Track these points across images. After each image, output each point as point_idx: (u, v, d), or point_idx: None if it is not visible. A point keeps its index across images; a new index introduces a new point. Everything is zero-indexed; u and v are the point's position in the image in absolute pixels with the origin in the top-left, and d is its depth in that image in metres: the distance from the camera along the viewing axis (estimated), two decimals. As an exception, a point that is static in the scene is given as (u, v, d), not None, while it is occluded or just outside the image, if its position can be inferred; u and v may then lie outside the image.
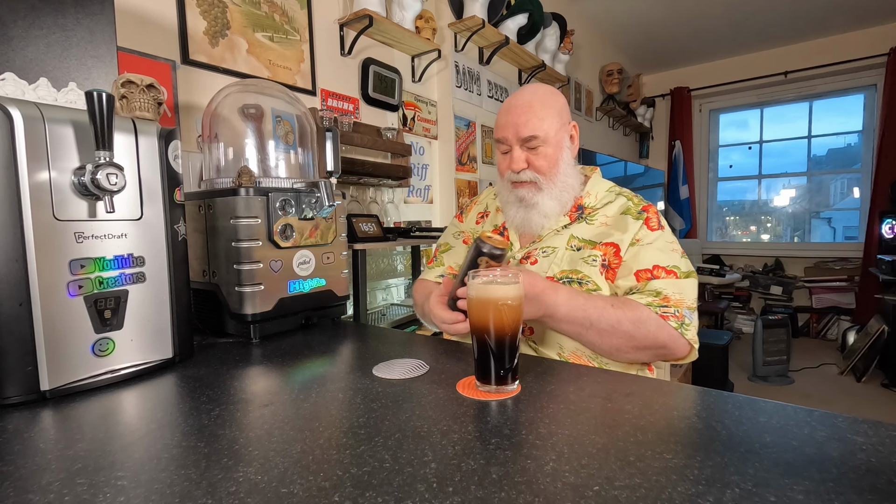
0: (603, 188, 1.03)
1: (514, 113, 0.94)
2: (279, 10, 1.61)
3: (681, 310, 0.83)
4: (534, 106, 0.93)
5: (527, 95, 0.96)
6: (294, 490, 0.40)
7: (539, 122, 0.93)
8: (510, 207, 1.01)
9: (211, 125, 1.02)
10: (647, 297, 0.85)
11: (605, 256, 0.91)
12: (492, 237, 0.79)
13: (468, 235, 1.16)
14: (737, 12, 3.64)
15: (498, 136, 0.98)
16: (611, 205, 0.99)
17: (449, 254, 1.17)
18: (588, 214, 0.99)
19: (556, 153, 0.96)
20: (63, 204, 0.63)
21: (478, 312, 0.64)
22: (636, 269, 0.88)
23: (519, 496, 0.39)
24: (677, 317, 0.83)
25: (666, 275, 0.87)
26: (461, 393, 0.62)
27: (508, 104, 0.96)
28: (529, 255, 0.98)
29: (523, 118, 0.93)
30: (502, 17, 2.46)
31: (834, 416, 0.52)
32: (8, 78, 0.73)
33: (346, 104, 1.88)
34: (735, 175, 4.92)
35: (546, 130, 0.93)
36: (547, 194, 0.96)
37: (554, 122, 0.95)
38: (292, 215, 0.93)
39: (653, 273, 0.87)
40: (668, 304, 0.84)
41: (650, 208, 0.96)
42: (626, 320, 0.81)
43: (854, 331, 3.56)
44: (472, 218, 1.18)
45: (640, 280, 0.87)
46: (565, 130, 0.98)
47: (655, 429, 0.51)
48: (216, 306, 0.94)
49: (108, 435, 0.52)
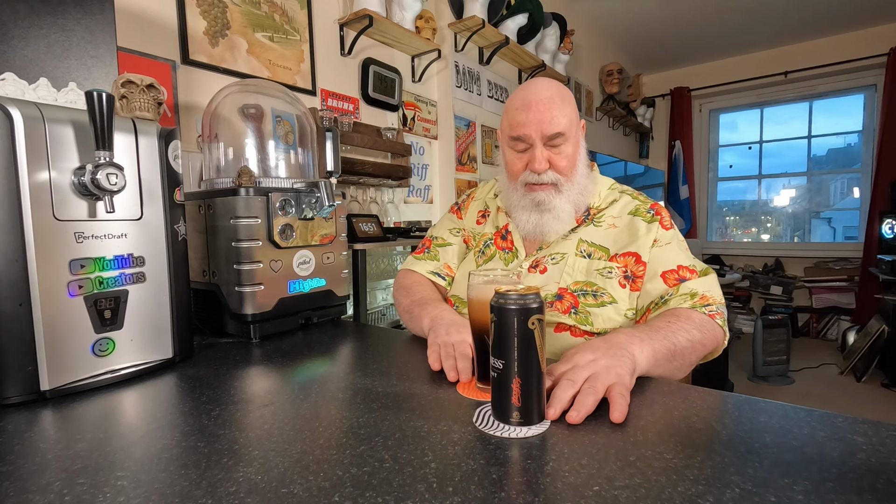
0: (604, 187, 0.99)
1: (538, 109, 0.86)
2: (279, 10, 1.61)
3: (719, 307, 0.81)
4: (555, 101, 0.87)
5: (547, 89, 0.89)
6: (294, 490, 0.40)
7: (563, 118, 0.87)
8: (521, 212, 0.94)
9: (211, 125, 1.02)
10: (688, 301, 0.81)
11: (627, 267, 0.87)
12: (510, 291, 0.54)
13: (468, 235, 1.09)
14: (737, 12, 3.64)
15: (517, 133, 0.89)
16: (616, 204, 0.95)
17: (446, 250, 1.09)
18: (595, 216, 0.95)
19: (575, 152, 0.91)
20: (63, 204, 0.63)
21: (478, 312, 0.63)
22: (661, 271, 0.85)
23: (519, 496, 0.39)
24: (721, 314, 0.80)
25: (690, 274, 0.84)
26: (461, 393, 0.62)
27: (527, 99, 0.88)
28: (538, 263, 0.93)
29: (548, 114, 0.86)
30: (502, 17, 2.46)
31: (834, 416, 0.52)
32: (8, 78, 0.73)
33: (346, 104, 1.88)
34: (735, 175, 4.92)
35: (568, 127, 0.88)
36: (565, 197, 0.91)
37: (574, 117, 0.90)
38: (292, 215, 0.93)
39: (678, 273, 0.84)
40: (709, 302, 0.81)
41: (660, 206, 0.93)
42: (697, 332, 0.75)
43: (854, 331, 3.56)
44: (472, 216, 1.11)
45: (668, 282, 0.84)
46: (580, 127, 0.94)
47: (655, 429, 0.51)
48: (216, 306, 0.94)
49: (108, 435, 0.52)
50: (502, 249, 1.00)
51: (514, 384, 0.51)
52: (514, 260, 0.98)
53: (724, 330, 0.80)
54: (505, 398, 0.52)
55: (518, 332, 0.51)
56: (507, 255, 0.99)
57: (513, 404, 0.52)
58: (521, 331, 0.51)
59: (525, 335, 0.51)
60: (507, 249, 1.00)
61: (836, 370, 3.38)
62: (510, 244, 1.00)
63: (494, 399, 0.54)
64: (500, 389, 0.53)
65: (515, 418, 0.52)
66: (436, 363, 0.70)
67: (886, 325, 3.09)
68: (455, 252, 1.09)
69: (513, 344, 0.51)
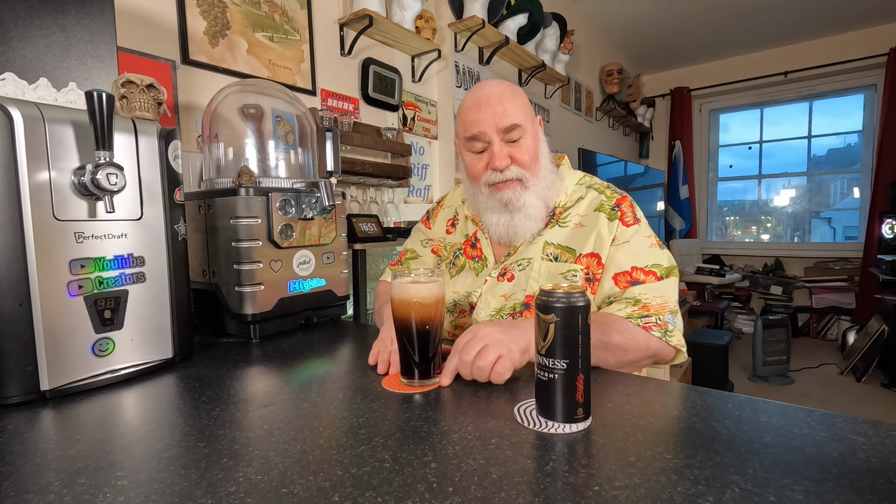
0: (572, 182, 0.96)
1: (489, 104, 0.86)
2: (279, 10, 1.61)
3: (662, 316, 0.78)
4: (506, 95, 0.87)
5: (496, 86, 0.88)
6: (294, 490, 0.40)
7: (517, 109, 0.86)
8: (490, 214, 0.91)
9: (211, 125, 1.02)
10: (627, 308, 0.79)
11: (589, 270, 0.86)
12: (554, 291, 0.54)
13: (438, 245, 1.07)
14: (737, 12, 3.64)
15: (471, 132, 0.87)
16: (582, 201, 0.92)
17: (416, 262, 1.08)
18: (560, 215, 0.92)
19: (535, 145, 0.89)
20: (63, 204, 0.63)
21: (401, 311, 0.66)
22: (614, 272, 0.83)
23: (519, 496, 0.39)
24: (659, 325, 0.78)
25: (644, 276, 0.82)
26: (386, 388, 0.65)
27: (475, 100, 0.87)
28: (505, 270, 0.91)
29: (500, 108, 0.85)
30: (502, 17, 2.46)
31: (834, 416, 0.52)
32: (8, 78, 0.73)
33: (346, 104, 1.88)
34: (735, 175, 4.92)
35: (524, 119, 0.87)
36: (533, 192, 0.88)
37: (528, 111, 0.89)
38: (292, 215, 0.93)
39: (632, 276, 0.82)
40: (649, 312, 0.78)
41: (624, 200, 0.89)
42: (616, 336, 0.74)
43: (854, 331, 3.56)
44: (441, 226, 1.09)
45: (619, 284, 0.82)
46: (537, 122, 0.92)
47: (655, 429, 0.51)
48: (216, 306, 0.94)
49: (108, 435, 0.52)
50: (472, 258, 0.99)
51: (580, 381, 0.52)
52: (483, 269, 0.96)
53: (662, 341, 0.77)
54: (570, 397, 0.52)
55: (582, 330, 0.52)
56: (476, 265, 0.97)
57: (577, 402, 0.52)
58: (584, 328, 0.52)
59: (586, 332, 0.52)
60: (476, 258, 0.98)
61: (836, 370, 3.38)
62: (479, 252, 0.98)
63: (555, 400, 0.52)
64: (566, 389, 0.52)
65: (580, 415, 0.52)
66: (372, 359, 0.75)
67: (886, 325, 3.09)
68: (426, 264, 1.08)
69: (578, 342, 0.52)
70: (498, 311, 0.90)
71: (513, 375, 0.65)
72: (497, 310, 0.90)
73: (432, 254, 1.08)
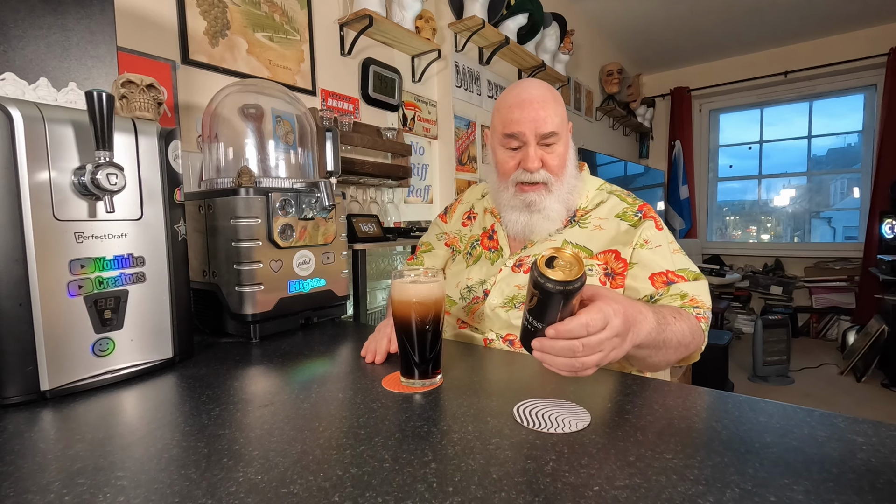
0: (593, 187, 0.99)
1: (532, 107, 0.87)
2: (279, 10, 1.61)
3: (706, 311, 0.81)
4: (549, 100, 0.88)
5: (539, 88, 0.90)
6: (294, 490, 0.40)
7: (557, 117, 0.88)
8: (511, 212, 0.94)
9: (211, 125, 1.02)
10: (677, 300, 0.81)
11: (607, 264, 0.88)
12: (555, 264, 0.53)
13: (453, 238, 1.11)
14: (737, 12, 3.64)
15: (511, 130, 0.89)
16: (603, 205, 0.95)
17: (430, 255, 1.12)
18: (581, 217, 0.95)
19: (565, 152, 0.92)
20: (63, 204, 0.63)
21: (400, 311, 0.66)
22: (651, 273, 0.85)
23: (519, 496, 0.39)
24: (706, 318, 0.80)
25: (678, 278, 0.84)
26: (386, 388, 0.64)
27: (520, 98, 0.89)
28: (521, 262, 0.94)
29: (542, 113, 0.87)
30: (502, 17, 2.46)
31: (834, 416, 0.52)
32: (8, 78, 0.73)
33: (346, 104, 1.88)
34: (735, 175, 4.92)
35: (560, 126, 0.89)
36: (555, 197, 0.91)
37: (565, 118, 0.91)
38: (292, 215, 0.93)
39: (667, 277, 0.84)
40: (698, 304, 0.81)
41: (647, 208, 0.92)
42: (688, 331, 0.74)
43: (854, 331, 3.56)
44: (458, 220, 1.13)
45: (656, 284, 0.84)
46: (568, 128, 0.95)
47: (655, 429, 0.51)
48: (216, 306, 0.94)
49: (108, 435, 0.52)
50: (488, 249, 1.02)
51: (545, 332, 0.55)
52: (499, 258, 0.98)
53: (704, 336, 0.81)
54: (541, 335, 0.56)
55: (563, 311, 0.54)
56: (492, 255, 1.00)
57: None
58: (564, 310, 0.54)
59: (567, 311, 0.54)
60: (492, 249, 1.01)
61: (836, 370, 3.38)
62: (496, 243, 1.01)
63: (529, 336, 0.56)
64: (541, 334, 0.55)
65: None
66: (364, 351, 0.78)
67: (886, 325, 3.09)
68: (439, 256, 1.11)
69: (556, 317, 0.54)
70: (511, 299, 0.91)
71: (512, 375, 0.65)
72: (510, 297, 0.91)
73: (446, 247, 1.11)
